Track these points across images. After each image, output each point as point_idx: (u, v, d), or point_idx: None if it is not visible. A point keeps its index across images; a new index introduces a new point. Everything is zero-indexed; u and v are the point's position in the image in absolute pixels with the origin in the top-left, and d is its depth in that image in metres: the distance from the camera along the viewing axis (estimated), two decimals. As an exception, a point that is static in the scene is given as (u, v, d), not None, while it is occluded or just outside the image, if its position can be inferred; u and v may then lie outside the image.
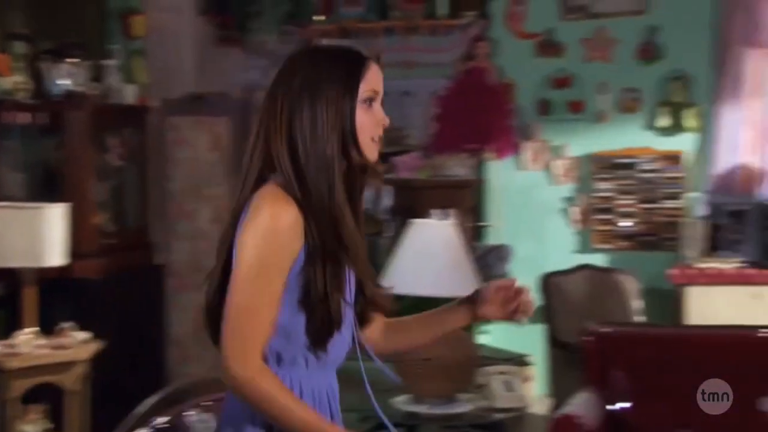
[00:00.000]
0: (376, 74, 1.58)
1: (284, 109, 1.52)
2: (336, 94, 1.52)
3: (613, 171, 4.88)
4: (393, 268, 3.14)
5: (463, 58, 5.16)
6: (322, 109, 1.51)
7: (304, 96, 1.52)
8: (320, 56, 1.56)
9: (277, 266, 1.48)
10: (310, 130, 1.51)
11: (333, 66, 1.54)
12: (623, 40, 4.86)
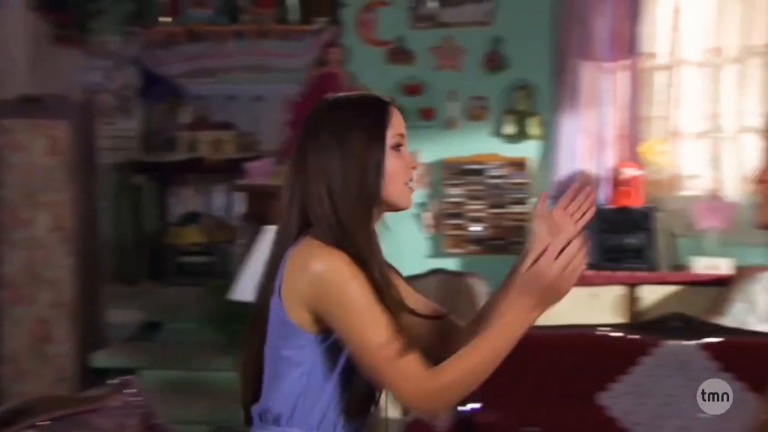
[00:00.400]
0: (398, 118, 1.60)
1: (316, 166, 1.54)
2: (365, 144, 1.54)
3: (463, 177, 5.01)
4: (246, 275, 3.09)
5: (315, 63, 5.16)
6: (353, 162, 1.53)
7: (334, 151, 1.53)
8: (343, 108, 1.58)
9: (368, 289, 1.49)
10: (345, 185, 1.53)
11: (358, 117, 1.56)
12: (470, 49, 5.01)
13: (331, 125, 1.56)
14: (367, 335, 1.47)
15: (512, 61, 4.96)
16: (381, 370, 1.48)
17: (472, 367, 1.49)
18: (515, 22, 4.91)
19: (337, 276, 1.49)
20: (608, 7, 4.71)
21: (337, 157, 1.53)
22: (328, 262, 1.50)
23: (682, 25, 4.70)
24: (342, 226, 1.53)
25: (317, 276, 1.49)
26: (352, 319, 1.48)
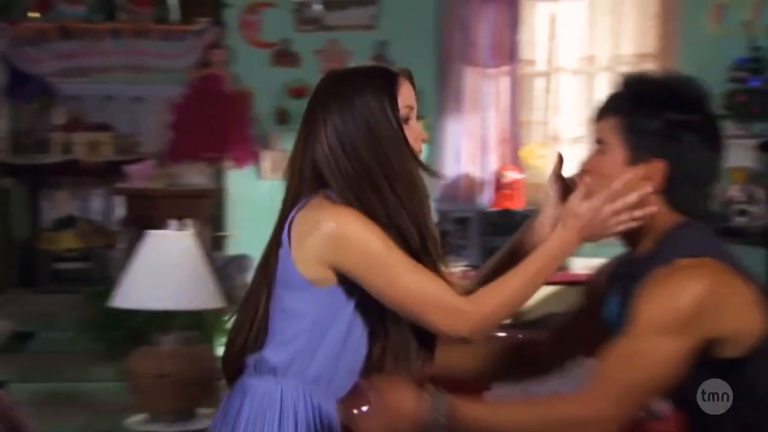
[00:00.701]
0: (408, 90, 1.59)
1: (328, 129, 1.54)
2: (380, 111, 1.53)
3: (350, 180, 5.01)
4: (128, 281, 2.97)
5: (198, 64, 5.05)
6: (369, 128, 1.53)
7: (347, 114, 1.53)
8: (355, 77, 1.58)
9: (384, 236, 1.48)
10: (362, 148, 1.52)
11: (371, 85, 1.55)
12: (356, 52, 5.02)
13: (343, 92, 1.56)
14: (399, 280, 1.48)
15: (398, 65, 4.98)
16: (420, 310, 1.48)
17: (514, 289, 1.50)
18: (400, 26, 4.96)
19: (351, 231, 1.49)
20: (489, 15, 4.83)
21: (351, 123, 1.54)
22: (339, 220, 1.50)
23: (558, 34, 4.87)
24: (361, 184, 1.52)
25: (332, 235, 1.50)
26: (379, 269, 1.48)
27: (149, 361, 2.96)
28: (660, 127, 1.46)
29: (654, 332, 1.38)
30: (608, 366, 1.42)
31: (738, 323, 1.40)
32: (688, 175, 1.47)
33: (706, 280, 1.39)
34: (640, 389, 1.42)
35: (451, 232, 4.80)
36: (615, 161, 1.49)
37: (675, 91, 1.48)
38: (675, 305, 1.38)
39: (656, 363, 1.39)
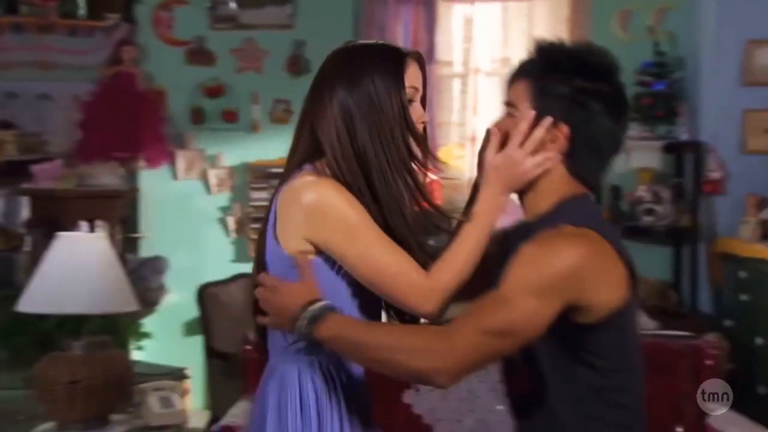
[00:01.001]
0: (415, 71, 1.59)
1: (334, 105, 1.55)
2: (384, 89, 1.54)
3: (269, 180, 4.96)
4: (36, 285, 2.87)
5: (108, 62, 4.91)
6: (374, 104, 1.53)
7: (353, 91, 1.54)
8: (362, 53, 1.59)
9: (363, 210, 1.51)
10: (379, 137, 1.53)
11: (377, 62, 1.56)
12: (272, 52, 4.98)
13: (350, 69, 1.57)
14: (372, 255, 1.50)
15: (315, 65, 4.91)
16: (388, 287, 1.51)
17: (464, 259, 1.53)
18: (317, 26, 4.93)
19: (330, 201, 1.51)
20: (406, 17, 4.85)
21: (356, 99, 1.55)
22: (318, 192, 1.51)
23: (474, 36, 4.93)
24: (360, 159, 1.54)
25: (311, 207, 1.51)
26: (354, 242, 1.51)
27: (59, 367, 2.86)
28: (567, 93, 1.51)
29: (522, 290, 1.43)
30: (470, 317, 1.46)
31: (601, 294, 1.45)
32: (589, 142, 1.53)
33: (582, 249, 1.44)
34: (496, 343, 1.44)
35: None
36: (526, 118, 1.53)
37: (586, 60, 1.53)
38: (547, 268, 1.42)
39: (518, 320, 1.43)
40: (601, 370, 1.50)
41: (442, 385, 1.47)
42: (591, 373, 1.51)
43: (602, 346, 1.49)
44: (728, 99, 4.45)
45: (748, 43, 4.41)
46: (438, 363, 1.42)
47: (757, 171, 4.38)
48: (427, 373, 1.44)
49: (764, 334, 3.82)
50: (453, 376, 1.44)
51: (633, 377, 1.55)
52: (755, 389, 3.86)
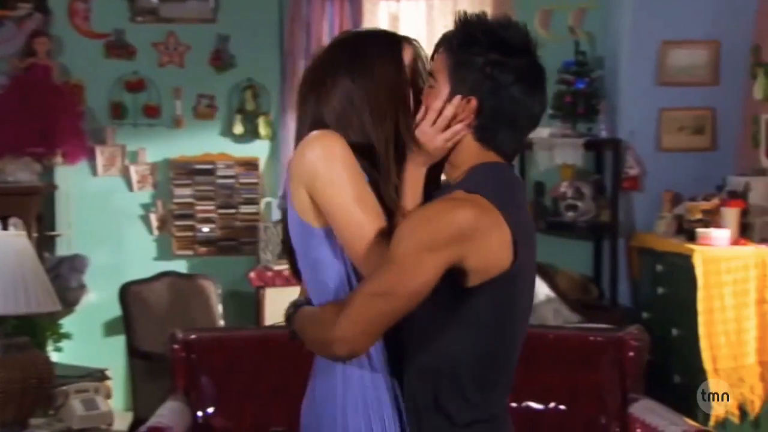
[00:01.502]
0: (411, 54, 1.64)
1: (337, 90, 1.60)
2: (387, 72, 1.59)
3: (192, 177, 4.89)
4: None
5: (20, 54, 4.74)
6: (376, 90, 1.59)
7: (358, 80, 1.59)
8: (362, 39, 1.66)
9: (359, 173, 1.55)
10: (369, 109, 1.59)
11: (377, 47, 1.62)
12: (195, 46, 4.90)
13: (350, 55, 1.62)
14: (352, 211, 1.53)
15: (240, 60, 4.92)
16: (359, 247, 1.53)
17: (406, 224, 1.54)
18: (241, 21, 4.88)
19: (330, 148, 1.55)
20: (332, 12, 4.84)
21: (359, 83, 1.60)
22: (323, 145, 1.56)
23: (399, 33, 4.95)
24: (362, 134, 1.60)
25: (312, 159, 1.55)
26: (340, 188, 1.53)
27: (-26, 370, 2.76)
28: (479, 66, 1.56)
29: (405, 250, 1.48)
30: (361, 283, 1.54)
31: (483, 256, 1.50)
32: (500, 114, 1.57)
33: (465, 212, 1.49)
34: (383, 304, 1.48)
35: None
36: (441, 95, 1.58)
37: (499, 34, 1.57)
38: (430, 228, 1.48)
39: (403, 279, 1.48)
40: (473, 334, 1.55)
41: (343, 355, 1.51)
42: (461, 336, 1.55)
43: (479, 310, 1.54)
44: (645, 98, 4.59)
45: (663, 44, 4.56)
46: (335, 332, 1.48)
47: (672, 168, 4.54)
48: (327, 344, 1.51)
49: (680, 325, 3.96)
50: (349, 345, 1.49)
51: (506, 344, 1.60)
52: (671, 379, 4.00)
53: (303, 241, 1.61)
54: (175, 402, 2.73)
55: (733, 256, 3.77)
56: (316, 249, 1.59)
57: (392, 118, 1.60)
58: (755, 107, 4.37)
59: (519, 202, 1.61)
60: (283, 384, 2.75)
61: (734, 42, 4.48)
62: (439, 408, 1.56)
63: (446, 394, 1.56)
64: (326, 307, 1.57)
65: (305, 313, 1.62)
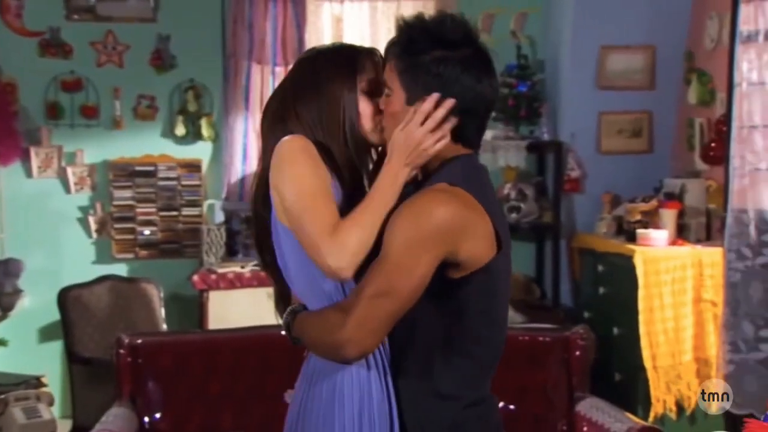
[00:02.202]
0: (371, 65, 1.71)
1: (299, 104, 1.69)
2: (337, 89, 1.68)
3: (132, 178, 4.79)
4: None
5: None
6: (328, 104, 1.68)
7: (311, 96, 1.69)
8: (320, 57, 1.74)
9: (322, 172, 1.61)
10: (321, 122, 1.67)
11: (332, 65, 1.70)
12: (135, 46, 4.81)
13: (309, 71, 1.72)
14: (306, 204, 1.57)
15: (181, 60, 4.84)
16: (318, 241, 1.55)
17: (368, 228, 1.57)
18: (182, 20, 4.81)
19: (294, 145, 1.62)
20: (275, 14, 4.80)
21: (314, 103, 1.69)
22: (289, 139, 1.64)
23: (343, 35, 4.95)
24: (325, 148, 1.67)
25: (278, 149, 1.62)
26: (296, 182, 1.59)
27: None
28: (425, 66, 1.60)
29: (399, 248, 1.52)
30: (359, 285, 1.55)
31: (470, 250, 1.55)
32: (456, 106, 1.60)
33: (451, 205, 1.54)
34: (385, 303, 1.52)
35: (239, 231, 4.73)
36: (398, 102, 1.64)
37: (438, 31, 1.61)
38: (420, 224, 1.52)
39: (400, 277, 1.52)
40: (463, 321, 1.60)
41: (354, 357, 1.54)
42: (452, 323, 1.60)
43: (469, 299, 1.59)
44: (585, 101, 4.68)
45: (601, 48, 4.65)
46: (343, 335, 1.51)
47: (611, 170, 4.63)
48: (335, 347, 1.53)
49: (620, 324, 4.05)
50: (359, 346, 1.52)
51: (492, 328, 1.65)
52: (612, 376, 4.08)
53: (295, 251, 1.64)
54: (120, 408, 2.68)
55: (671, 256, 3.87)
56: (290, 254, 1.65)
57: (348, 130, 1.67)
58: (690, 111, 4.49)
59: (491, 192, 1.67)
60: (232, 387, 2.73)
61: (669, 47, 4.60)
62: (435, 395, 1.60)
63: (440, 381, 1.60)
64: (327, 310, 1.59)
65: (305, 318, 1.64)
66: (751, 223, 3.51)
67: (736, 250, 3.56)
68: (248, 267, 4.55)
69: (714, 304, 3.85)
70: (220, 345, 2.82)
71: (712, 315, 3.86)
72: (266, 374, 2.74)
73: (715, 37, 4.26)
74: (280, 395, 2.74)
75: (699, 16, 4.47)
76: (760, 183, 3.50)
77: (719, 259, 3.78)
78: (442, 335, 1.60)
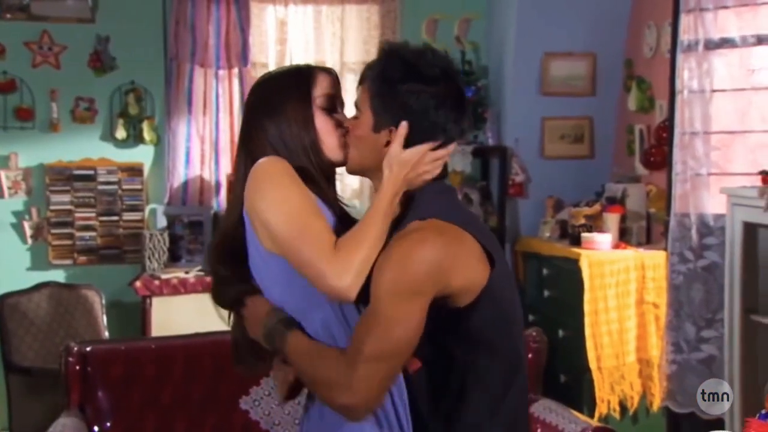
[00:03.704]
0: (326, 82, 1.71)
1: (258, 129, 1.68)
2: (292, 107, 1.68)
3: (71, 183, 4.66)
4: None
5: None
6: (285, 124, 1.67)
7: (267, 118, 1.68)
8: (273, 80, 1.75)
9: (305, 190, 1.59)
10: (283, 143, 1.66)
11: (285, 85, 1.71)
12: (72, 46, 4.68)
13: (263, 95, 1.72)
14: (300, 225, 1.54)
15: (121, 62, 4.73)
16: (319, 263, 1.52)
17: (370, 246, 1.54)
18: (122, 21, 4.70)
19: (271, 168, 1.59)
20: (218, 17, 4.74)
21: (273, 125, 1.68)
22: (269, 162, 1.61)
23: (288, 38, 4.92)
24: None
25: (254, 172, 1.60)
26: (281, 204, 1.55)
27: None
28: (398, 95, 1.60)
29: (391, 302, 1.50)
30: (357, 348, 1.52)
31: (465, 277, 1.55)
32: (424, 139, 1.61)
33: (436, 245, 1.52)
34: (388, 364, 1.52)
35: (182, 236, 4.65)
36: (365, 125, 1.64)
37: (416, 63, 1.62)
38: (407, 270, 1.50)
39: (397, 334, 1.50)
40: (473, 346, 1.58)
41: (362, 417, 1.55)
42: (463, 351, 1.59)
43: (478, 324, 1.58)
44: (528, 107, 4.75)
45: (544, 55, 4.73)
46: (348, 400, 1.51)
47: (554, 175, 4.71)
48: (343, 410, 1.53)
49: (565, 327, 4.11)
50: (366, 409, 1.53)
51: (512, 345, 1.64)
52: (558, 378, 4.15)
53: (282, 277, 1.60)
54: (68, 417, 2.59)
55: (615, 260, 3.95)
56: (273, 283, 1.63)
57: (310, 148, 1.67)
58: (629, 117, 4.60)
59: (467, 211, 1.67)
60: (185, 394, 2.68)
61: (609, 55, 4.71)
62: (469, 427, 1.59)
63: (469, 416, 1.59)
64: (331, 362, 1.54)
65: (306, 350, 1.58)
66: (692, 226, 3.61)
67: (678, 253, 3.65)
68: (192, 272, 4.47)
69: (656, 306, 3.95)
70: (172, 352, 2.75)
71: (654, 316, 3.96)
72: (220, 381, 2.69)
73: (654, 45, 4.38)
74: (234, 402, 2.71)
75: (637, 25, 4.58)
76: (701, 188, 3.61)
77: (661, 262, 3.88)
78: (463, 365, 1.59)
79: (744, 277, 3.26)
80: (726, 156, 3.69)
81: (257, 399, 2.71)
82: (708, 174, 3.62)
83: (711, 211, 3.61)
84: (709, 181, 3.62)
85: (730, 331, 3.34)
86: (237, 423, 2.67)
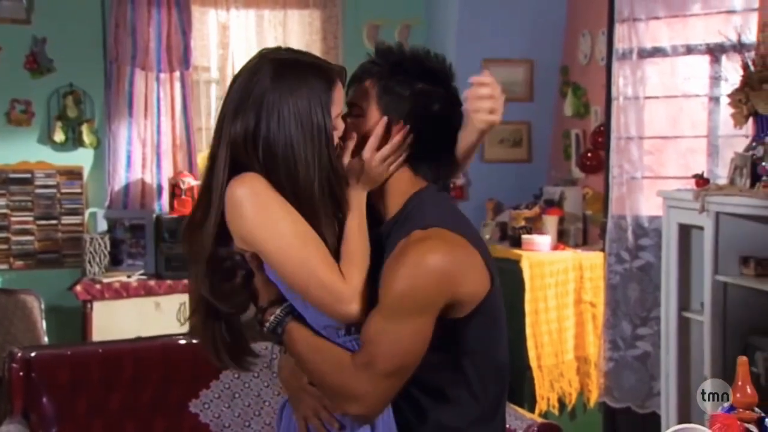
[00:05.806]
0: (340, 94, 1.58)
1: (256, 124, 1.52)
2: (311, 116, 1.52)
3: (7, 186, 4.56)
4: None
5: None
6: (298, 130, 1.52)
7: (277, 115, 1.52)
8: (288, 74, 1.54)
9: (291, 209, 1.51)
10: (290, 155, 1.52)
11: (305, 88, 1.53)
12: (7, 48, 4.59)
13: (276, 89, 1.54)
14: (295, 250, 1.50)
15: (58, 64, 4.65)
16: (333, 290, 1.50)
17: (359, 254, 1.54)
18: (59, 23, 4.63)
19: (257, 193, 1.51)
20: (159, 20, 4.70)
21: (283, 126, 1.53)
22: (249, 185, 1.52)
23: (230, 43, 4.91)
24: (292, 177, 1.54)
25: (238, 200, 1.51)
26: (275, 236, 1.50)
27: None
28: (409, 94, 1.59)
29: (400, 317, 1.50)
30: (367, 363, 1.52)
31: (469, 287, 1.54)
32: (428, 141, 1.61)
33: (441, 252, 1.51)
34: (399, 379, 1.53)
35: (124, 240, 4.60)
36: (371, 122, 1.60)
37: (425, 64, 1.63)
38: (416, 284, 1.48)
39: (407, 348, 1.51)
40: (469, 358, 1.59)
41: (368, 421, 1.57)
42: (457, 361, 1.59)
43: (474, 335, 1.58)
44: (468, 112, 4.83)
45: (484, 61, 4.82)
46: (358, 411, 1.53)
47: (494, 178, 4.81)
48: (351, 416, 1.56)
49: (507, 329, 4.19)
50: (374, 417, 1.56)
51: (499, 357, 1.66)
52: (500, 377, 4.23)
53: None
54: (12, 424, 2.54)
55: (554, 260, 4.06)
56: None
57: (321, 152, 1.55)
58: (566, 122, 4.73)
59: (468, 221, 1.65)
60: (133, 399, 2.65)
61: (546, 62, 4.83)
62: None
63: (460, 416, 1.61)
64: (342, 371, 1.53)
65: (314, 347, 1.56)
66: (629, 228, 3.74)
67: (615, 254, 3.78)
68: (135, 276, 4.42)
69: (593, 305, 4.07)
70: (120, 356, 2.72)
71: (591, 315, 4.09)
72: (169, 385, 2.67)
73: (588, 53, 4.52)
74: (184, 406, 2.70)
75: (573, 33, 4.72)
76: (637, 191, 3.74)
77: (598, 263, 4.00)
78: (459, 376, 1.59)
79: (679, 276, 3.39)
80: (659, 160, 3.84)
81: (207, 402, 2.71)
82: (643, 177, 3.75)
83: (646, 213, 3.74)
84: (643, 185, 3.76)
85: (666, 328, 3.47)
86: (187, 426, 2.66)
